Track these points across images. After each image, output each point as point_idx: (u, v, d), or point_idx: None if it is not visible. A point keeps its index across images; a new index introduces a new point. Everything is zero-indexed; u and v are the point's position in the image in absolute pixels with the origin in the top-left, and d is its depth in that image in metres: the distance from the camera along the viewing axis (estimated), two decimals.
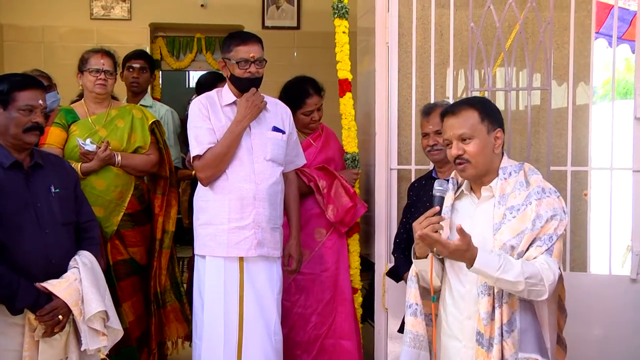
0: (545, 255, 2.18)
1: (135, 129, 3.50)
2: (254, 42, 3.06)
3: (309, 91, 3.58)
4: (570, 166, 3.33)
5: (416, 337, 2.37)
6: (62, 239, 2.62)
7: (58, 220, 2.61)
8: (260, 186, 3.04)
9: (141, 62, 4.31)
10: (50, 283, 2.52)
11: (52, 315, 2.49)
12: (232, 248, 3.02)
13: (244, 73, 3.04)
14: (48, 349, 2.52)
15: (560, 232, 2.21)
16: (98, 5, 6.53)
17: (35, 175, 2.62)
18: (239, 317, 3.02)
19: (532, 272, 2.13)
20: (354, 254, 3.58)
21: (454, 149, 2.28)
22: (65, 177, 2.74)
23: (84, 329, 2.56)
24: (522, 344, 2.17)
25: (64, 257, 2.61)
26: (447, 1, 3.43)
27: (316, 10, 6.51)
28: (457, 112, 2.30)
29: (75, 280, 2.57)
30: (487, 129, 2.28)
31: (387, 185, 3.49)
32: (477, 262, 2.12)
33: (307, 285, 3.50)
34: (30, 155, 2.63)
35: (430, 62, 3.45)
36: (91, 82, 3.42)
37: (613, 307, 3.25)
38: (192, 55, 7.01)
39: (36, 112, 2.57)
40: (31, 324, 2.49)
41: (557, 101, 3.58)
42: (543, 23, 3.29)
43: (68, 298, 2.51)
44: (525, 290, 2.13)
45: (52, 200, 2.61)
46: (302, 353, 3.51)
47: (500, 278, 2.11)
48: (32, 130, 2.56)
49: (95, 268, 2.68)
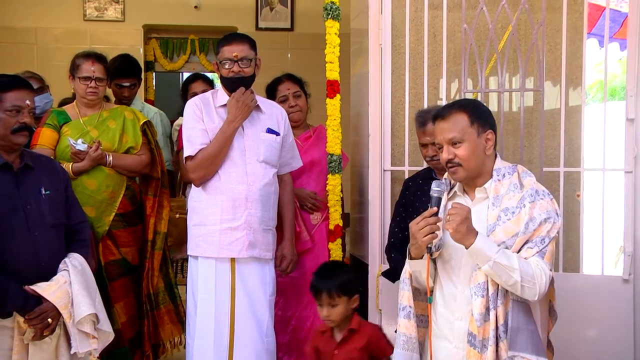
0: (536, 257, 2.19)
1: (126, 129, 3.49)
2: (238, 41, 3.07)
3: (281, 78, 3.73)
4: (563, 167, 3.34)
5: (409, 339, 2.37)
6: (52, 242, 2.60)
7: (48, 222, 2.60)
8: (252, 187, 3.04)
9: (131, 80, 4.18)
10: (40, 286, 2.50)
11: (42, 319, 2.47)
12: (224, 249, 3.03)
13: (228, 72, 3.06)
14: (38, 352, 2.51)
15: (552, 235, 2.22)
16: (91, 7, 6.52)
17: (25, 177, 2.60)
18: (230, 318, 3.02)
19: (525, 268, 2.15)
20: (335, 258, 3.52)
21: (445, 153, 2.30)
22: (56, 179, 2.73)
23: (74, 332, 2.54)
24: (514, 343, 2.17)
25: (54, 260, 2.60)
26: (440, 3, 3.44)
27: (310, 11, 6.51)
28: (446, 116, 2.31)
29: (65, 282, 2.55)
30: (477, 132, 2.29)
31: (381, 187, 3.49)
32: (478, 240, 2.13)
33: (286, 288, 3.50)
34: (20, 157, 2.61)
35: (424, 63, 3.46)
36: (82, 89, 3.43)
37: (605, 307, 3.26)
38: (185, 57, 7.01)
39: (24, 113, 2.55)
40: (20, 327, 2.48)
41: (550, 102, 3.59)
42: (536, 25, 3.30)
43: (57, 301, 2.50)
44: (518, 283, 2.13)
45: (42, 202, 2.60)
46: (284, 355, 3.52)
47: (498, 262, 2.12)
48: (21, 131, 2.54)
49: (86, 270, 2.66)
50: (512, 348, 2.17)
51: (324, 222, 3.57)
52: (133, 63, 4.28)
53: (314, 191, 3.60)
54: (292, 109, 3.65)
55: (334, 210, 3.51)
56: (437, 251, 2.28)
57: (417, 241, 2.22)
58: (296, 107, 3.67)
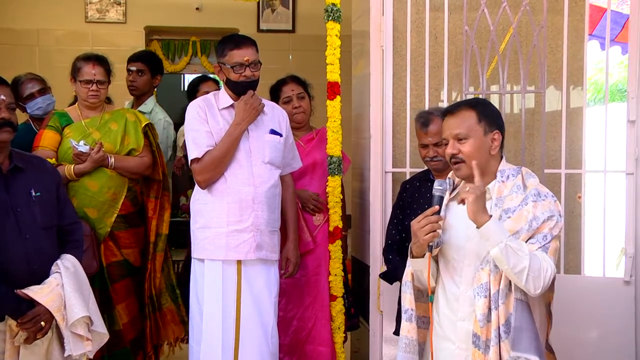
0: (540, 251, 2.18)
1: (128, 131, 3.50)
2: (247, 45, 3.06)
3: (285, 79, 3.73)
4: (565, 169, 3.34)
5: (411, 342, 2.38)
6: (43, 244, 2.56)
7: (39, 224, 2.56)
8: (259, 189, 3.04)
9: (138, 64, 4.26)
10: (32, 289, 2.47)
11: (34, 322, 2.45)
12: (231, 251, 3.02)
13: (239, 77, 3.04)
14: (29, 355, 2.48)
15: (555, 233, 2.22)
16: (93, 9, 6.53)
17: (15, 179, 2.55)
18: (236, 320, 3.01)
19: (533, 257, 2.13)
20: (335, 260, 3.52)
21: (449, 148, 2.31)
22: (47, 179, 2.68)
23: (67, 335, 2.52)
24: (516, 343, 2.15)
25: (46, 262, 2.56)
26: (442, 4, 3.44)
27: (311, 13, 6.51)
28: (455, 112, 2.33)
29: (58, 285, 2.52)
30: (484, 130, 2.30)
31: (382, 188, 3.49)
32: (492, 221, 2.13)
33: (287, 289, 3.50)
34: (9, 158, 2.56)
35: (425, 65, 3.46)
36: (84, 92, 3.43)
37: (607, 309, 3.26)
38: (187, 59, 7.02)
39: (1, 109, 2.50)
40: (12, 330, 2.45)
41: (551, 104, 3.60)
42: (537, 26, 3.31)
43: (50, 304, 2.47)
44: (526, 269, 2.10)
45: (32, 204, 2.55)
46: (285, 356, 3.52)
47: (509, 244, 2.10)
48: (2, 127, 2.49)
49: (79, 272, 2.63)
50: (515, 349, 2.15)
51: (326, 223, 3.57)
52: (146, 52, 4.60)
53: (316, 193, 3.60)
54: (295, 110, 3.65)
55: (334, 212, 3.51)
56: (436, 248, 2.28)
57: (419, 239, 2.22)
58: (300, 109, 3.67)
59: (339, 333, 3.54)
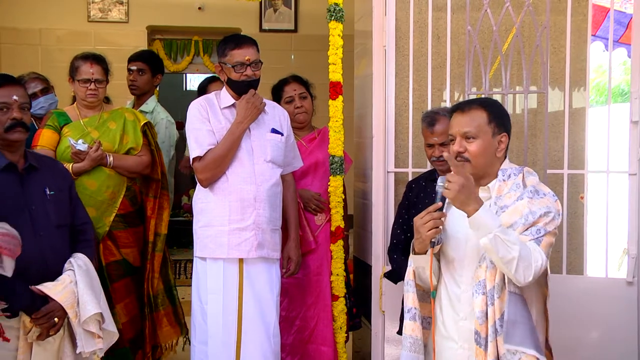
0: (532, 243, 2.17)
1: (127, 130, 3.50)
2: (248, 45, 3.07)
3: (287, 79, 3.73)
4: (567, 169, 3.33)
5: (415, 341, 2.38)
6: (57, 242, 2.60)
7: (53, 222, 2.60)
8: (260, 187, 3.05)
9: (138, 64, 4.25)
10: (46, 286, 2.51)
11: (48, 318, 2.48)
12: (233, 249, 3.02)
13: (240, 76, 3.06)
14: (41, 352, 2.51)
15: (549, 229, 2.20)
16: (95, 8, 6.54)
17: (30, 177, 2.60)
18: (237, 319, 3.02)
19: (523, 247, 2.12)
20: (337, 260, 3.52)
21: (456, 146, 2.30)
22: (60, 179, 2.73)
23: (80, 332, 2.55)
24: (510, 336, 2.14)
25: (59, 260, 2.60)
26: (444, 5, 3.44)
27: (313, 13, 6.52)
28: (466, 110, 2.31)
29: (71, 282, 2.56)
30: (493, 132, 2.29)
31: (384, 188, 3.49)
32: (482, 210, 2.12)
33: (290, 289, 3.50)
34: (24, 157, 2.61)
35: (427, 65, 3.46)
36: (82, 92, 3.43)
37: (609, 310, 3.25)
38: (189, 58, 7.03)
39: (13, 109, 2.53)
40: (26, 326, 2.48)
41: (554, 104, 3.59)
42: (540, 27, 3.30)
43: (64, 300, 2.51)
44: (515, 259, 2.09)
45: (47, 202, 2.60)
46: (287, 355, 3.52)
47: (499, 235, 2.09)
48: (14, 127, 2.53)
49: (90, 270, 2.67)
50: (507, 341, 2.13)
51: (328, 223, 3.57)
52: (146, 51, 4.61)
53: (318, 192, 3.60)
54: (297, 110, 3.65)
55: (336, 212, 3.51)
56: (438, 245, 2.28)
57: (421, 235, 2.22)
58: (302, 109, 3.67)
59: (341, 333, 3.55)
